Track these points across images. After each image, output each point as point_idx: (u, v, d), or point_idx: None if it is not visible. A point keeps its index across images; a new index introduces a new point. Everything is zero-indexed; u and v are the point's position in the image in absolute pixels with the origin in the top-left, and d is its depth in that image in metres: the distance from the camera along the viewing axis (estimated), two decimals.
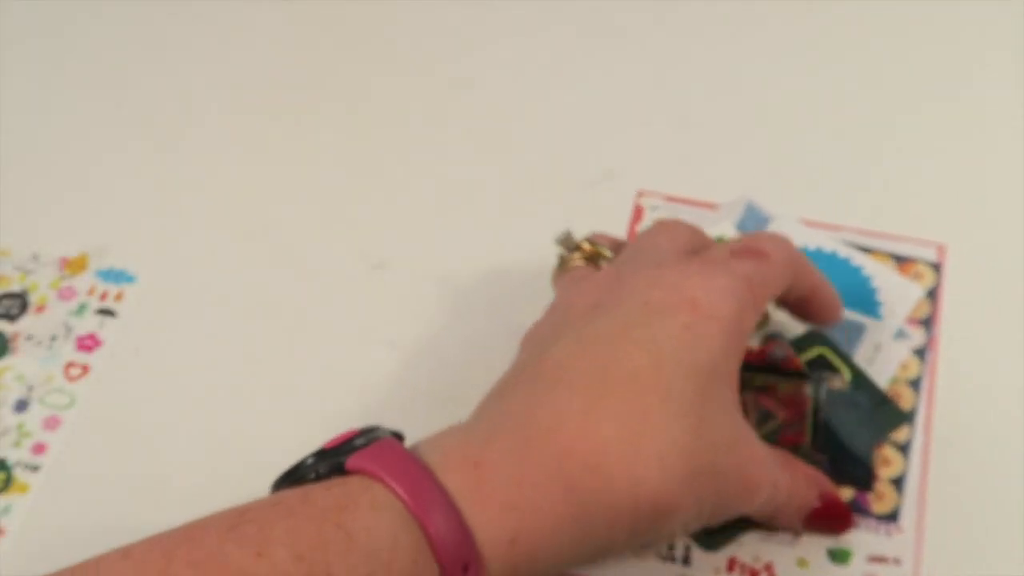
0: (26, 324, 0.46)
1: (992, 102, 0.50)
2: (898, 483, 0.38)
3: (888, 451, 0.39)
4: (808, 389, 0.39)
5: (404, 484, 0.28)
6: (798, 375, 0.39)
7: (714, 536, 0.37)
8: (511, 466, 0.29)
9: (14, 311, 0.46)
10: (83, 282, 0.47)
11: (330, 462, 0.29)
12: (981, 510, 0.38)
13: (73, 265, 0.48)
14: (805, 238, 0.45)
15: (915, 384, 0.41)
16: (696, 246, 0.36)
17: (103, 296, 0.47)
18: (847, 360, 0.40)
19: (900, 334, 0.42)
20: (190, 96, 0.55)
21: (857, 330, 0.42)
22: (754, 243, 0.35)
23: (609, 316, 0.33)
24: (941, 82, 0.51)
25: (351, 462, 0.29)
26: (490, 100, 0.53)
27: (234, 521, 0.26)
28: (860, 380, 0.40)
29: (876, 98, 0.51)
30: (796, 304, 0.38)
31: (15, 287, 0.47)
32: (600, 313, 0.33)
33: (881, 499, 0.38)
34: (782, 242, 0.36)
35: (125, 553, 0.26)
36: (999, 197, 0.46)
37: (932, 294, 0.43)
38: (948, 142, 0.48)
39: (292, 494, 0.28)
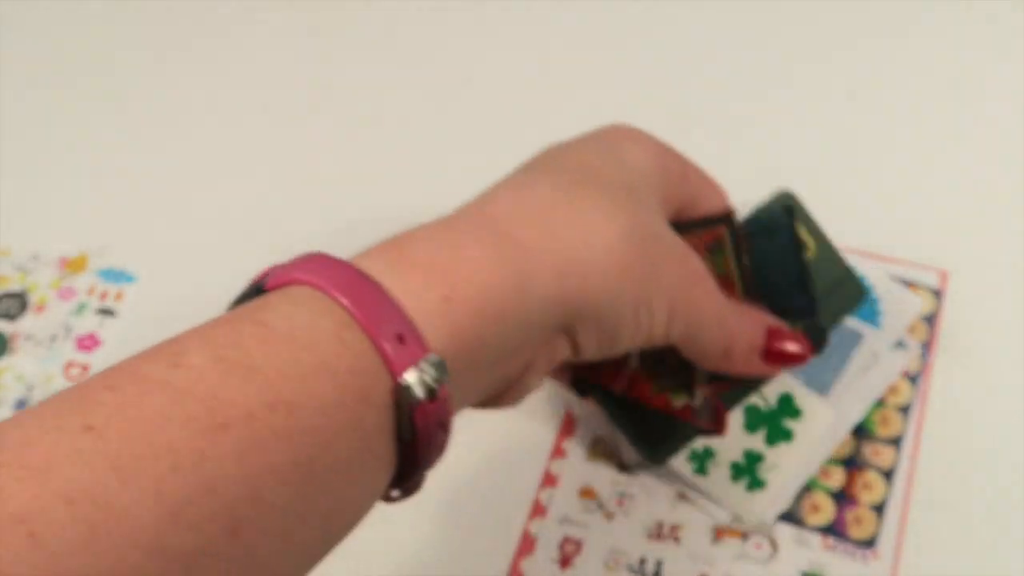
0: (26, 324, 0.49)
1: (1007, 130, 0.52)
2: (879, 509, 0.41)
3: (871, 476, 0.42)
4: (725, 234, 0.39)
5: (317, 274, 0.28)
6: (712, 221, 0.40)
7: (657, 449, 0.40)
8: (435, 234, 0.30)
9: (14, 311, 0.49)
10: (83, 282, 0.50)
11: (251, 288, 0.30)
12: (960, 541, 0.40)
13: (73, 265, 0.51)
14: None
15: (905, 410, 0.43)
16: None
17: (103, 296, 0.50)
18: (813, 230, 0.41)
19: (899, 344, 0.45)
20: (190, 96, 0.58)
21: (855, 338, 0.45)
22: None
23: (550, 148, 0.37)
24: (955, 105, 0.53)
25: (271, 282, 0.29)
26: (491, 100, 0.56)
27: (152, 347, 0.26)
28: (826, 251, 0.41)
29: (884, 116, 0.53)
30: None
31: (15, 287, 0.50)
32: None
33: (860, 524, 0.41)
34: None
35: (43, 402, 0.25)
36: (1007, 227, 0.48)
37: (930, 320, 0.46)
38: (957, 169, 0.51)
39: (212, 319, 0.28)
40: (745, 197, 0.44)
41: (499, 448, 0.44)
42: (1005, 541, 0.40)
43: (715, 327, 0.36)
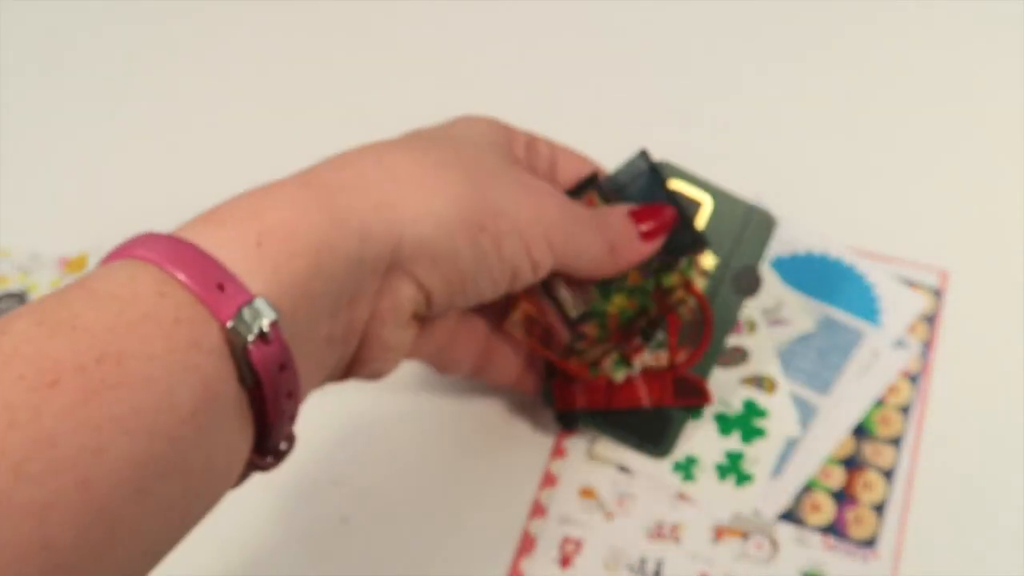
0: None
1: (1007, 130, 0.53)
2: (879, 509, 0.42)
3: (872, 476, 0.42)
4: (596, 195, 0.42)
5: (132, 246, 0.29)
6: (582, 186, 0.42)
7: (661, 442, 0.43)
8: (244, 194, 0.31)
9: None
10: None
11: None
12: (960, 541, 0.41)
13: (73, 265, 0.52)
14: (811, 240, 0.48)
15: (905, 410, 0.44)
16: None
17: None
18: (699, 183, 0.43)
19: (899, 344, 0.46)
20: (191, 96, 0.59)
21: (855, 337, 0.46)
22: None
23: None
24: (955, 105, 0.54)
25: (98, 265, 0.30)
26: (492, 99, 0.57)
27: None
28: (720, 196, 0.43)
29: (884, 116, 0.54)
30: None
31: (15, 287, 0.51)
32: None
33: (860, 524, 0.41)
34: None
35: None
36: (1007, 227, 0.49)
37: (930, 320, 0.46)
38: (957, 169, 0.51)
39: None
40: (751, 190, 0.45)
41: (499, 448, 0.45)
42: (1005, 541, 0.41)
43: (594, 232, 0.38)
